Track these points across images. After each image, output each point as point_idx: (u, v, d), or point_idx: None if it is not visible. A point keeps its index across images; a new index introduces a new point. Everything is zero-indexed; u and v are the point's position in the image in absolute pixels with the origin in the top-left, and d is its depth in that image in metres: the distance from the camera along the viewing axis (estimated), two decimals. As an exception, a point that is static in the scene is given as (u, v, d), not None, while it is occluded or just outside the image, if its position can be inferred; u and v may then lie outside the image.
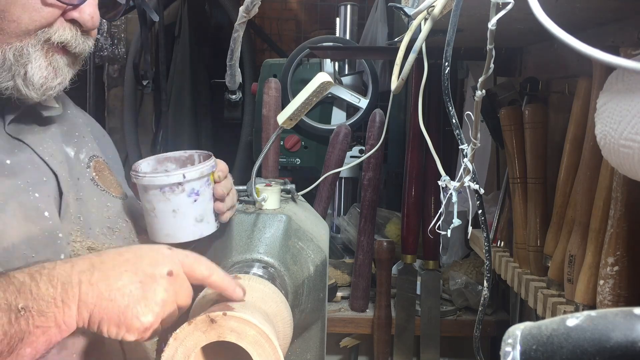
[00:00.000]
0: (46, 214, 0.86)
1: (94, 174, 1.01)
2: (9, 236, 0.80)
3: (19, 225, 0.82)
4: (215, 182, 1.01)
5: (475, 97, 0.80)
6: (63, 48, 0.87)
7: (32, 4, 0.83)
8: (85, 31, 0.89)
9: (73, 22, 0.87)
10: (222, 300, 0.78)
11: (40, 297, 0.70)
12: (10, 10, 0.82)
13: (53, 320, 0.71)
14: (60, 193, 0.91)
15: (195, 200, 0.97)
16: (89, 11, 0.87)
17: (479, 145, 0.84)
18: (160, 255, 0.77)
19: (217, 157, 1.04)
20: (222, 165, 1.03)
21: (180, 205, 0.96)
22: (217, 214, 1.01)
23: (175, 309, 0.76)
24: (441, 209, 0.99)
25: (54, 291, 0.71)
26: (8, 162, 0.85)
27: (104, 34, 2.92)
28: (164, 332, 0.80)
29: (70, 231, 0.90)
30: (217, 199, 1.00)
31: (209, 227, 1.00)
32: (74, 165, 0.98)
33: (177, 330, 0.71)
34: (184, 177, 0.95)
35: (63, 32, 0.86)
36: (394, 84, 1.08)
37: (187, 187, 0.96)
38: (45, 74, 0.86)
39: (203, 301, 0.81)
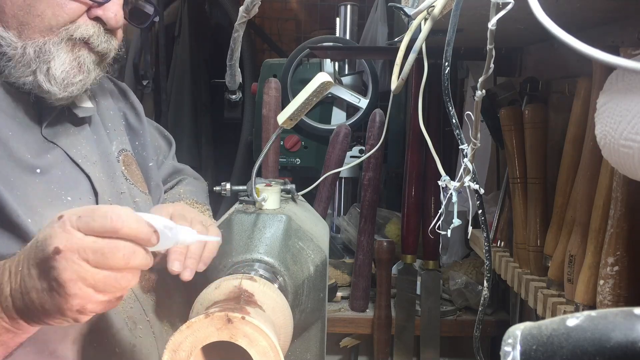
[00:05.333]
0: None
1: (123, 167, 1.03)
2: None
3: None
4: None
5: (475, 97, 0.80)
6: (87, 45, 0.89)
7: (57, 0, 0.85)
8: (109, 30, 0.91)
9: (97, 20, 0.89)
10: (239, 294, 0.77)
11: None
12: (35, 5, 0.84)
13: (2, 327, 0.72)
14: (96, 193, 0.92)
15: None
16: (113, 10, 0.89)
17: (479, 145, 0.84)
18: (49, 231, 0.68)
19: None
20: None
21: None
22: None
23: (106, 273, 0.67)
24: (441, 209, 0.99)
25: None
26: (40, 168, 0.86)
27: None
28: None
29: None
30: None
31: None
32: (109, 162, 0.99)
33: (193, 319, 0.69)
34: None
35: (86, 29, 0.88)
36: (394, 84, 1.08)
37: None
38: (67, 69, 0.87)
39: (216, 292, 0.80)
